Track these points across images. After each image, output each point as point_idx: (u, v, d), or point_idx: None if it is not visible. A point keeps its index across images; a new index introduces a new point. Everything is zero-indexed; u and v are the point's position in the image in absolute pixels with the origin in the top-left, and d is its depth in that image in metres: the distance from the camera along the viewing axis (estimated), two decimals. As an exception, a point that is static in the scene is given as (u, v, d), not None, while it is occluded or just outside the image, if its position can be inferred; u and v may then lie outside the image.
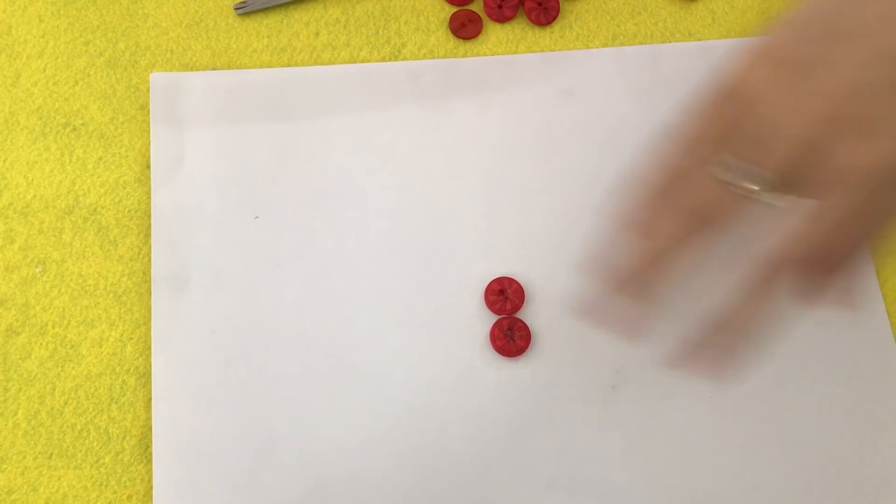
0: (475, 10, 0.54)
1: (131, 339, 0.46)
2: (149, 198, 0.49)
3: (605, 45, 0.53)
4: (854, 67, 0.32)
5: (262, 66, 0.52)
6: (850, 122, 0.32)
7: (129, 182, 0.49)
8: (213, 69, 0.52)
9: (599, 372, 0.46)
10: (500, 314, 0.47)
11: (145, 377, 0.46)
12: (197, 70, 0.51)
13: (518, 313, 0.47)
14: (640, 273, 0.36)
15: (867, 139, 0.32)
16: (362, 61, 0.52)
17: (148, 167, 0.49)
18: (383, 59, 0.52)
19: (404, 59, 0.52)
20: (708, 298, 0.36)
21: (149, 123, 0.50)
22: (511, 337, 0.46)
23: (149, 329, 0.46)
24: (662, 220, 0.35)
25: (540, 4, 0.53)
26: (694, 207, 0.35)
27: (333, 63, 0.52)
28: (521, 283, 0.47)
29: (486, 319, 0.47)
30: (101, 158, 0.50)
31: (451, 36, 0.53)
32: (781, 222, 0.34)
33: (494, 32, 0.53)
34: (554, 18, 0.53)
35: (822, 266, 0.33)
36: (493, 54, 0.53)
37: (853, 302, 0.36)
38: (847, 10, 0.33)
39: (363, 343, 0.46)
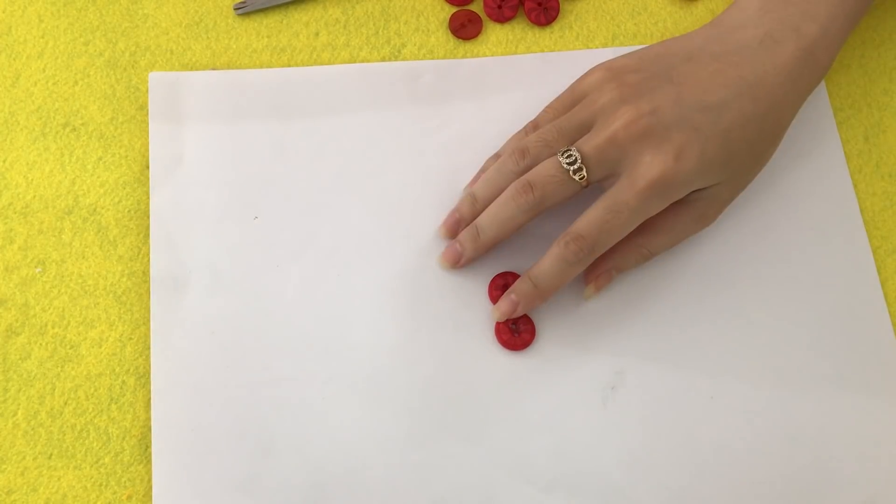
0: (475, 10, 0.54)
1: (131, 339, 0.46)
2: (148, 198, 0.49)
3: (605, 45, 0.53)
4: (667, 103, 0.43)
5: (261, 66, 0.52)
6: (650, 138, 0.42)
7: (129, 182, 0.49)
8: (213, 69, 0.52)
9: (599, 373, 0.46)
10: None
11: (145, 377, 0.46)
12: (197, 70, 0.51)
13: None
14: (469, 218, 0.47)
15: (656, 156, 0.42)
16: (362, 61, 0.52)
17: (147, 167, 0.49)
18: (383, 59, 0.52)
19: (404, 59, 0.52)
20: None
21: (148, 123, 0.50)
22: (516, 330, 0.46)
23: (148, 329, 0.46)
24: (503, 182, 0.45)
25: (540, 4, 0.53)
26: (532, 181, 0.44)
27: (333, 63, 0.52)
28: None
29: (487, 316, 0.47)
30: (100, 158, 0.50)
31: (450, 36, 0.53)
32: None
33: (494, 32, 0.53)
34: (554, 18, 0.53)
35: (592, 243, 0.43)
36: (492, 54, 0.53)
37: (602, 283, 0.46)
38: (679, 65, 0.45)
39: (363, 342, 0.46)
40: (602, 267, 0.46)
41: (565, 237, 0.43)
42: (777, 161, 0.50)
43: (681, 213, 0.45)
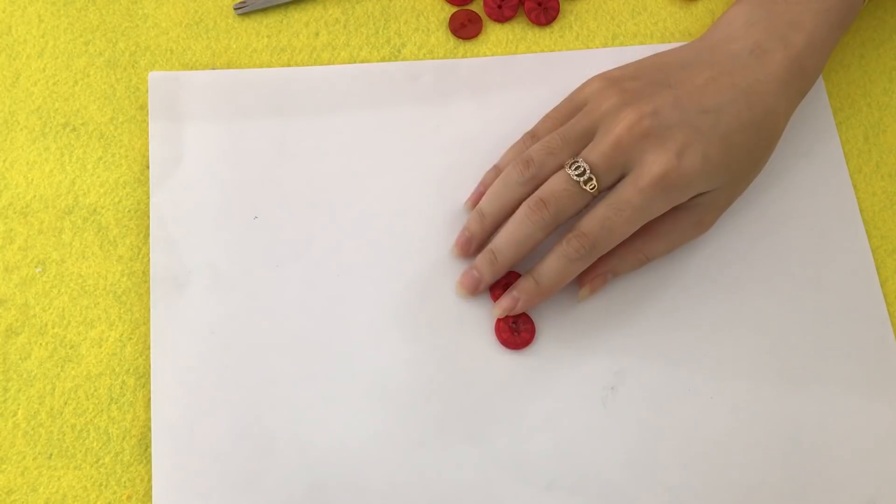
0: (475, 10, 0.54)
1: (131, 339, 0.46)
2: (148, 198, 0.49)
3: (605, 45, 0.53)
4: (667, 105, 0.44)
5: (261, 66, 0.52)
6: (652, 138, 0.43)
7: (129, 182, 0.49)
8: (213, 69, 0.52)
9: (599, 373, 0.46)
10: None
11: (145, 377, 0.46)
12: (197, 70, 0.51)
13: None
14: (483, 239, 0.47)
15: (659, 154, 0.42)
16: (362, 61, 0.52)
17: (147, 167, 0.49)
18: (383, 59, 0.52)
19: (404, 59, 0.52)
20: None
21: (148, 123, 0.50)
22: (516, 330, 0.46)
23: (148, 329, 0.46)
24: (508, 195, 0.45)
25: (540, 4, 0.53)
26: (544, 197, 0.44)
27: (333, 63, 0.52)
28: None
29: (487, 316, 0.47)
30: (100, 158, 0.50)
31: (450, 36, 0.53)
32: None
33: (494, 32, 0.53)
34: (554, 18, 0.53)
35: (594, 240, 0.43)
36: (492, 54, 0.53)
37: (597, 285, 0.46)
38: (675, 72, 0.46)
39: (363, 342, 0.46)
40: (598, 270, 0.46)
41: (568, 234, 0.44)
42: (777, 162, 0.50)
43: (679, 220, 0.46)
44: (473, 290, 0.46)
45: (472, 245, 0.47)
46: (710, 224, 0.47)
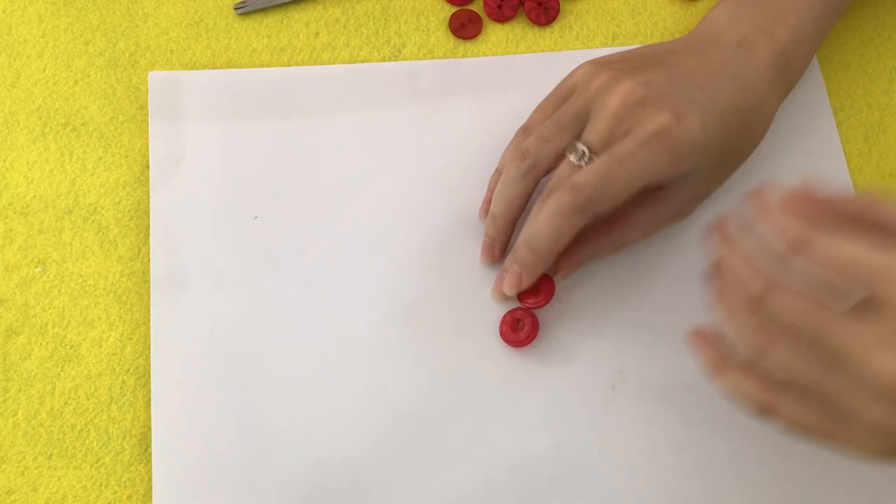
0: (475, 10, 0.54)
1: (131, 339, 0.46)
2: (148, 198, 0.49)
3: (605, 45, 0.53)
4: (661, 78, 0.43)
5: (261, 66, 0.52)
6: (647, 103, 0.42)
7: (129, 182, 0.49)
8: (213, 69, 0.52)
9: (599, 373, 0.46)
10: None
11: (145, 377, 0.46)
12: (197, 70, 0.51)
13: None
14: (504, 241, 0.46)
15: (658, 114, 0.42)
16: (362, 61, 0.52)
17: (147, 167, 0.49)
18: (383, 59, 0.52)
19: (404, 59, 0.52)
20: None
21: (148, 123, 0.50)
22: (520, 328, 0.46)
23: (148, 329, 0.46)
24: (513, 193, 0.45)
25: (540, 4, 0.53)
26: (551, 189, 0.43)
27: (333, 63, 0.52)
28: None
29: (488, 316, 0.47)
30: (100, 158, 0.50)
31: (451, 36, 0.53)
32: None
33: (494, 32, 0.53)
34: (554, 18, 0.53)
35: (590, 193, 0.41)
36: (493, 54, 0.53)
37: (571, 269, 0.46)
38: (665, 57, 0.46)
39: (363, 342, 0.46)
40: (574, 257, 0.45)
41: (560, 187, 0.42)
42: (777, 161, 0.50)
43: (658, 210, 0.46)
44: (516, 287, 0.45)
45: (495, 249, 0.47)
46: (687, 214, 0.47)
